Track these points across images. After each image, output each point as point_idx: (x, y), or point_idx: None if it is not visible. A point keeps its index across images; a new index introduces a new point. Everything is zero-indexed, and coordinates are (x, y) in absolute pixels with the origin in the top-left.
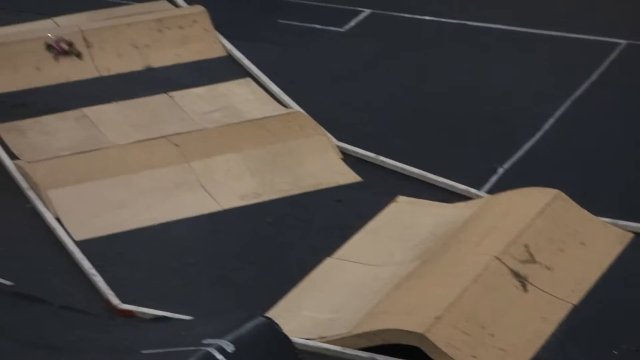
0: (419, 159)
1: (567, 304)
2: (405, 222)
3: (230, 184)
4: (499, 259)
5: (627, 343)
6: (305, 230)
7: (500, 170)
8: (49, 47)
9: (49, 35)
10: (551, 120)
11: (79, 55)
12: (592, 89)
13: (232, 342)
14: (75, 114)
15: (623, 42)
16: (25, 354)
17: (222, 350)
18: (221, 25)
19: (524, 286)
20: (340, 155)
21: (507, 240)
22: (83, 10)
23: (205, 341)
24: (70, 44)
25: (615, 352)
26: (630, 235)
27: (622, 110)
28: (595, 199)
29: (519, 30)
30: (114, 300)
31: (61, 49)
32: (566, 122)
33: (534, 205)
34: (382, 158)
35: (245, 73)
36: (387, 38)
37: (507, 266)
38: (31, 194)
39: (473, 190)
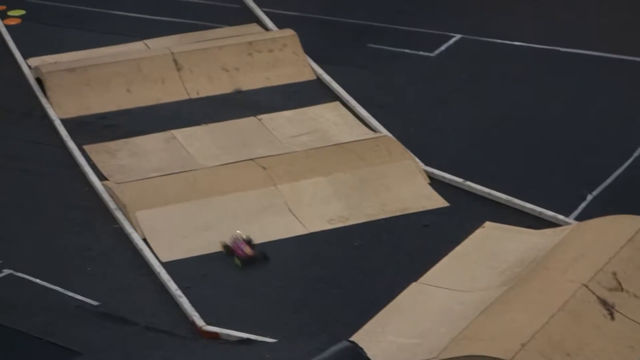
0: (506, 184)
1: None
2: (492, 248)
3: (317, 207)
4: (586, 286)
5: None
6: (391, 255)
7: (589, 197)
8: (227, 248)
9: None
10: (636, 153)
11: (264, 257)
12: None
13: None
14: (164, 136)
15: None
16: None
17: None
18: (311, 49)
19: (611, 314)
20: (427, 180)
21: (595, 267)
22: (174, 33)
23: None
24: (250, 243)
25: None
26: None
27: None
28: None
29: (609, 56)
30: (199, 321)
31: (243, 253)
32: None
33: (622, 233)
34: (469, 183)
35: (334, 97)
36: (477, 63)
37: (595, 294)
38: (119, 215)
39: (561, 217)
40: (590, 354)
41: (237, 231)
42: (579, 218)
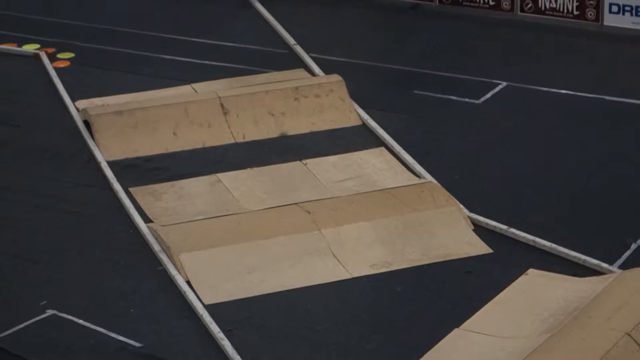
0: (550, 232)
1: None
2: (535, 295)
3: (360, 252)
4: (629, 335)
5: None
6: (433, 301)
7: (634, 246)
8: None
9: None
10: None
11: None
12: None
13: None
14: (209, 179)
15: None
16: None
17: None
18: (357, 94)
19: None
20: (471, 227)
21: (639, 316)
22: (221, 77)
23: None
24: None
25: None
26: None
27: None
28: None
29: None
30: None
31: None
32: None
33: None
34: (513, 230)
35: (380, 142)
36: (523, 111)
37: (638, 343)
38: (163, 257)
39: (605, 265)
40: None
41: None
42: (622, 266)
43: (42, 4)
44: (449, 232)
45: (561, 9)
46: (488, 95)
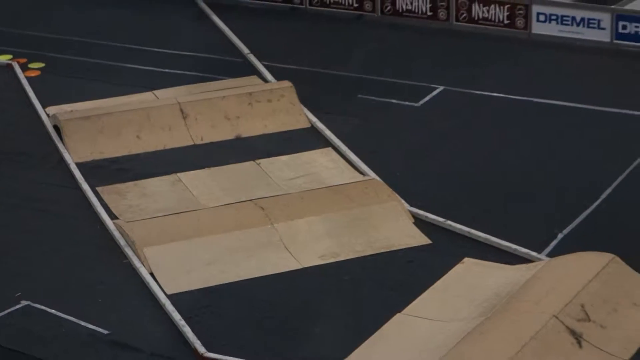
0: (484, 224)
1: None
2: (471, 282)
3: (310, 244)
4: (556, 317)
5: None
6: (377, 288)
7: (560, 236)
8: None
9: None
10: (608, 190)
11: None
12: None
13: None
14: (170, 179)
15: None
16: None
17: None
18: (306, 99)
19: (579, 343)
20: (411, 220)
21: (565, 300)
22: (180, 84)
23: None
24: None
25: None
26: None
27: None
28: None
29: (581, 107)
30: (200, 348)
31: None
32: (622, 191)
33: (590, 269)
34: (450, 222)
35: (327, 143)
36: (459, 113)
37: (564, 324)
38: (128, 251)
39: (534, 253)
40: None
41: None
42: (550, 255)
43: (12, 17)
44: (391, 225)
45: (493, 19)
46: (426, 99)
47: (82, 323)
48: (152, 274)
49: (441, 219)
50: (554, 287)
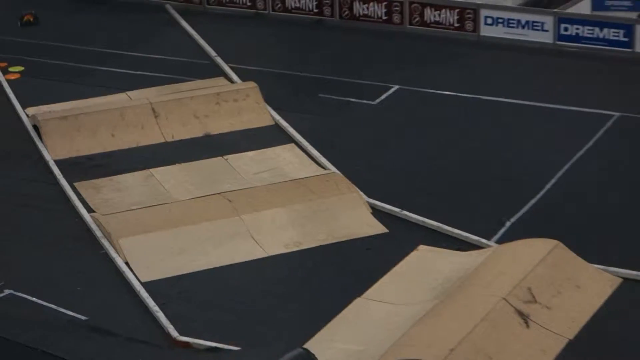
0: (438, 213)
1: (563, 339)
2: (425, 267)
3: (275, 234)
4: (505, 299)
5: None
6: (338, 274)
7: (508, 224)
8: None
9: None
10: (553, 181)
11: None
12: (589, 154)
13: None
14: (143, 174)
15: (617, 114)
16: None
17: None
18: (270, 98)
19: (526, 323)
20: (370, 210)
21: (513, 283)
22: (152, 85)
23: None
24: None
25: None
26: (620, 280)
27: (615, 172)
28: (590, 249)
29: (526, 103)
30: (173, 332)
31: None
32: (566, 182)
33: (536, 254)
34: (406, 212)
35: (290, 139)
36: (413, 110)
37: (512, 306)
38: (105, 242)
39: (484, 240)
40: (508, 357)
41: None
42: (499, 241)
43: None
44: (351, 215)
45: (444, 22)
46: (382, 97)
47: (62, 310)
48: (127, 263)
49: (397, 209)
50: (502, 272)
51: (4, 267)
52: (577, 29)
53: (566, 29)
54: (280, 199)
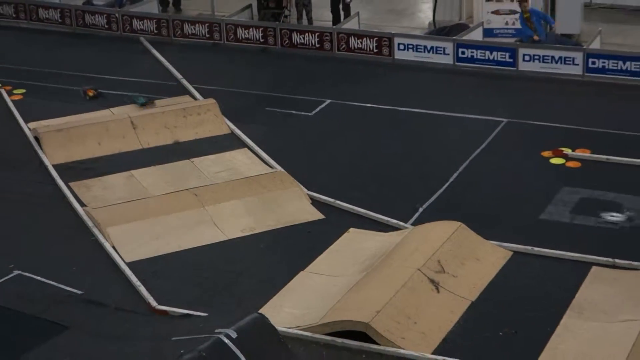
0: (365, 202)
1: (467, 301)
2: (355, 246)
3: (233, 221)
4: (420, 270)
5: (508, 327)
6: (285, 253)
7: (420, 210)
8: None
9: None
10: (455, 175)
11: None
12: (483, 152)
13: (235, 330)
14: (125, 175)
15: (505, 120)
16: (93, 342)
17: (228, 337)
18: (226, 112)
19: (437, 289)
20: (309, 201)
21: (426, 257)
22: (130, 103)
23: (217, 330)
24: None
25: (500, 334)
26: (510, 253)
27: (504, 166)
28: (486, 228)
29: (433, 113)
30: (153, 302)
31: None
32: (466, 175)
33: (443, 233)
34: (338, 202)
35: (243, 145)
36: (342, 119)
37: (426, 275)
38: (95, 230)
39: (402, 223)
40: (424, 316)
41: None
42: (414, 224)
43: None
44: (294, 205)
45: (365, 48)
46: (317, 109)
47: (61, 286)
48: (113, 247)
49: (331, 200)
50: (417, 248)
51: (13, 252)
52: (472, 52)
53: (463, 52)
54: (236, 193)
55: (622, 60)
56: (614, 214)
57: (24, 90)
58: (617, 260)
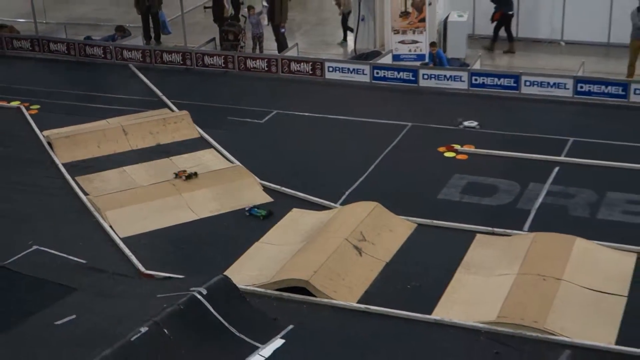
0: (304, 188)
1: (382, 262)
2: (297, 221)
3: (204, 204)
4: (347, 239)
5: (414, 282)
6: (243, 228)
7: (346, 193)
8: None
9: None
10: (372, 167)
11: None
12: (393, 149)
13: (206, 289)
14: (119, 170)
15: (409, 124)
16: (95, 299)
17: (200, 293)
18: (197, 121)
19: (360, 253)
20: (262, 188)
21: (351, 229)
22: (122, 115)
23: (191, 289)
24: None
25: (408, 286)
26: (415, 225)
27: (410, 160)
28: (396, 207)
29: (354, 119)
30: (142, 268)
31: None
32: (380, 167)
33: (364, 211)
34: (283, 188)
35: (210, 146)
36: (286, 125)
37: (351, 243)
38: (96, 214)
39: (332, 204)
40: (350, 275)
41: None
42: (341, 204)
43: (17, 78)
44: (250, 191)
45: (303, 71)
46: (267, 118)
47: (70, 257)
48: (111, 226)
49: (278, 187)
50: (344, 222)
51: (31, 232)
52: (384, 72)
53: (378, 73)
54: (205, 183)
55: (497, 77)
56: (493, 195)
57: (38, 106)
58: (495, 229)
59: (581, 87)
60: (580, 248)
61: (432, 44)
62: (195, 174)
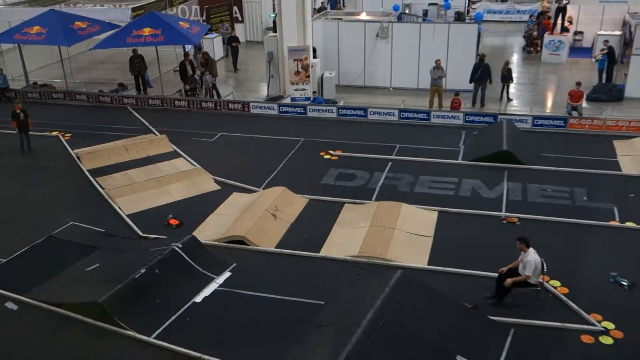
0: (242, 179)
1: (288, 223)
2: (237, 201)
3: (179, 192)
4: (267, 210)
5: (308, 234)
6: (200, 207)
7: (266, 181)
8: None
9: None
10: (280, 166)
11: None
12: (292, 156)
13: (181, 244)
14: (123, 173)
15: (302, 139)
16: (111, 254)
17: (178, 247)
18: (172, 140)
19: (275, 218)
20: (214, 181)
21: (270, 203)
22: (123, 138)
23: (172, 244)
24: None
25: (305, 237)
26: (308, 200)
27: (304, 161)
28: (296, 189)
29: (269, 137)
30: (140, 232)
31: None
32: (285, 166)
33: (276, 192)
34: (228, 180)
35: (180, 156)
36: (228, 143)
37: (270, 212)
38: (110, 200)
39: (257, 189)
40: (269, 231)
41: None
42: (264, 188)
43: (55, 117)
44: (205, 183)
45: (237, 108)
46: (215, 138)
47: (94, 227)
48: (119, 208)
49: (224, 179)
50: (265, 199)
51: (67, 213)
52: (287, 108)
53: (282, 108)
54: (178, 179)
55: (354, 109)
56: (353, 180)
57: (70, 134)
58: (355, 200)
59: (403, 114)
60: (405, 210)
61: (314, 92)
62: (182, 223)
